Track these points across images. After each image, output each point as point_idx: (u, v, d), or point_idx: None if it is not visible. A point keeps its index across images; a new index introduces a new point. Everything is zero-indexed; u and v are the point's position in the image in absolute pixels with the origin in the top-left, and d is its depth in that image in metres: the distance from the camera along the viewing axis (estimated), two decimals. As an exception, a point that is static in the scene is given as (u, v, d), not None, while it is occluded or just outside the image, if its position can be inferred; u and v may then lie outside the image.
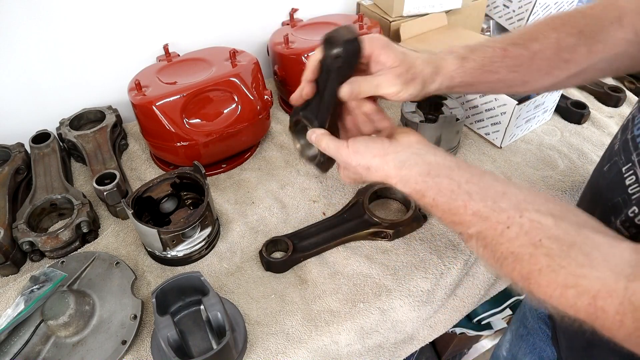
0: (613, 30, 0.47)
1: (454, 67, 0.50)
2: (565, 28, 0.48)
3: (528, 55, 0.49)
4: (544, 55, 0.49)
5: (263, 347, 0.52)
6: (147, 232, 0.56)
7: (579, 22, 0.48)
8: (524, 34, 0.50)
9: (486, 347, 1.62)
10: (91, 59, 0.81)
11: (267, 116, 0.78)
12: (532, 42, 0.49)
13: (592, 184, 0.49)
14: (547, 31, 0.49)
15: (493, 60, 0.49)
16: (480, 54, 0.50)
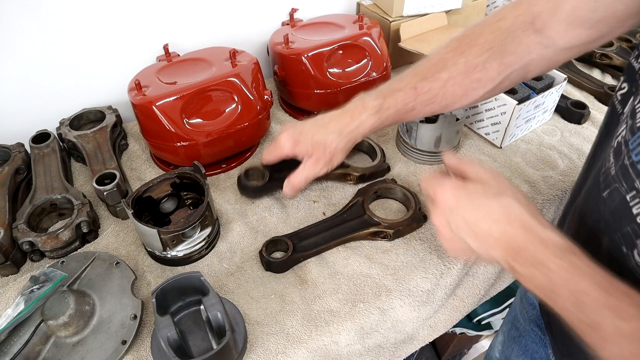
0: (525, 37, 0.47)
1: (370, 123, 0.53)
2: (474, 50, 0.49)
3: (439, 85, 0.50)
4: (455, 82, 0.50)
5: (263, 347, 0.52)
6: (147, 232, 0.56)
7: (487, 40, 0.48)
8: (432, 66, 0.51)
9: (486, 347, 1.62)
10: (91, 59, 0.81)
11: (267, 116, 0.78)
12: (440, 72, 0.50)
13: (590, 208, 0.44)
14: (455, 57, 0.49)
15: (406, 102, 0.51)
16: (392, 100, 0.52)
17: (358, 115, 0.53)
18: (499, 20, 0.49)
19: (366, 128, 0.54)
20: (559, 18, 0.45)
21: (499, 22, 0.49)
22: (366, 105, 0.53)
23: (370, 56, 0.83)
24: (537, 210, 0.41)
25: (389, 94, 0.52)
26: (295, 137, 0.57)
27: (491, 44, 0.48)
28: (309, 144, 0.56)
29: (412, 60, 1.06)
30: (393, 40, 0.96)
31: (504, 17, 0.49)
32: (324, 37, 0.83)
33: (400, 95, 0.51)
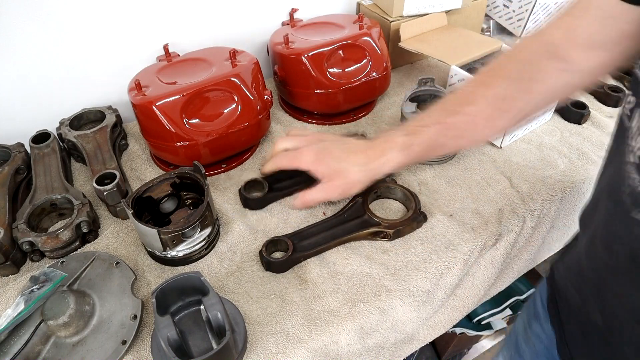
0: (549, 64, 0.48)
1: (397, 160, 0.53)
2: (499, 81, 0.49)
3: (468, 120, 0.50)
4: (483, 115, 0.50)
5: (263, 347, 0.52)
6: (147, 232, 0.56)
7: (512, 70, 0.49)
8: (460, 99, 0.51)
9: (486, 347, 1.62)
10: (91, 59, 0.81)
11: (267, 116, 0.78)
12: (468, 106, 0.50)
13: (618, 234, 0.43)
14: (482, 90, 0.50)
15: (435, 138, 0.51)
16: (421, 137, 0.52)
17: (385, 151, 0.52)
18: (521, 51, 0.50)
19: (392, 165, 0.53)
20: (577, 43, 0.46)
21: (522, 52, 0.50)
22: (394, 141, 0.52)
23: (370, 56, 0.83)
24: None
25: (417, 131, 0.51)
26: (319, 154, 0.56)
27: (517, 74, 0.49)
28: (331, 168, 0.55)
29: (412, 60, 1.06)
30: (393, 40, 0.96)
31: (525, 48, 0.50)
32: (324, 37, 0.83)
33: (429, 132, 0.51)
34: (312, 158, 0.56)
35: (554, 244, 0.87)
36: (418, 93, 0.79)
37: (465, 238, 0.64)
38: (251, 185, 0.70)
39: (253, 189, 0.70)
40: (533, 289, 1.49)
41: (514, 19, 1.11)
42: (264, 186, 0.69)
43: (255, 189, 0.70)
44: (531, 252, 0.80)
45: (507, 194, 0.71)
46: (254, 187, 0.70)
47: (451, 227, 0.66)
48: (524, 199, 0.70)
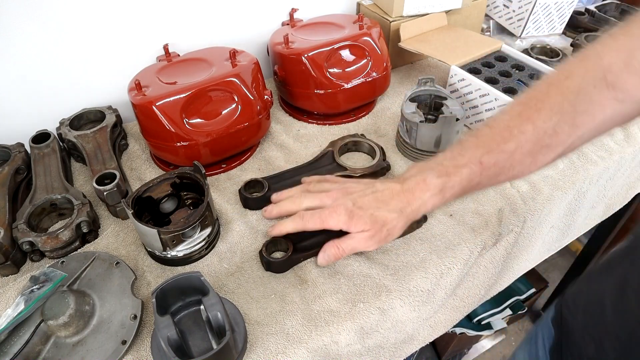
0: (597, 94, 0.43)
1: (432, 203, 0.50)
2: (542, 114, 0.45)
3: (506, 157, 0.47)
4: (523, 151, 0.46)
5: (263, 347, 0.52)
6: (147, 232, 0.56)
7: (555, 101, 0.45)
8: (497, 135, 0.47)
9: (486, 347, 1.63)
10: (91, 59, 0.81)
11: (267, 116, 0.78)
12: (507, 142, 0.46)
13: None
14: (521, 124, 0.46)
15: (472, 179, 0.48)
16: (457, 178, 0.48)
17: (420, 194, 0.49)
18: (566, 78, 0.45)
19: (428, 208, 0.50)
20: (634, 68, 0.42)
21: (567, 80, 0.45)
22: (428, 184, 0.49)
23: (370, 56, 0.83)
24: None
25: (453, 171, 0.48)
26: (352, 212, 0.52)
27: (560, 105, 0.44)
28: (367, 220, 0.51)
29: (412, 60, 1.06)
30: (393, 40, 0.96)
31: (571, 74, 0.45)
32: (324, 37, 0.83)
33: (465, 172, 0.48)
34: (345, 217, 0.51)
35: (553, 244, 0.87)
36: (418, 93, 0.79)
37: (465, 238, 0.64)
38: (251, 185, 0.70)
39: (253, 189, 0.70)
40: (533, 289, 1.49)
41: (514, 19, 1.11)
42: (264, 186, 0.69)
43: (255, 189, 0.70)
44: (531, 252, 0.80)
45: (507, 194, 0.71)
46: (254, 187, 0.70)
47: (451, 227, 0.66)
48: (524, 199, 0.70)
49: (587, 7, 1.17)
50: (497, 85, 0.80)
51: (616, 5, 1.18)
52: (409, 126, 0.74)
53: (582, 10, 1.16)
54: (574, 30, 1.15)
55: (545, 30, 1.13)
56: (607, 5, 1.18)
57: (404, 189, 0.51)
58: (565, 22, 1.13)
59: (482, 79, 0.81)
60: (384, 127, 0.85)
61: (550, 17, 1.10)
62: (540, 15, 1.08)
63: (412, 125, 0.73)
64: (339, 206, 0.52)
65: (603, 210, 0.93)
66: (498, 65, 0.86)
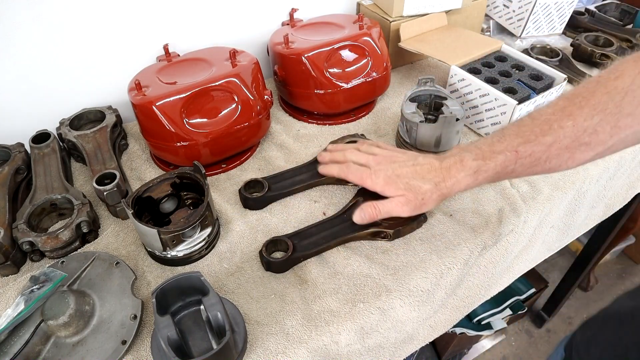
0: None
1: (466, 183, 0.52)
2: (584, 111, 0.44)
3: (543, 149, 0.47)
4: (560, 146, 0.46)
5: (263, 347, 0.52)
6: (147, 232, 0.56)
7: (600, 100, 0.44)
8: (537, 127, 0.47)
9: (486, 347, 1.63)
10: (91, 59, 0.81)
11: (267, 116, 0.78)
12: (545, 135, 0.46)
13: None
14: (562, 119, 0.45)
15: (506, 165, 0.49)
16: (492, 163, 0.49)
17: (455, 173, 0.51)
18: (616, 77, 0.44)
19: (461, 187, 0.52)
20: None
21: (617, 80, 0.44)
22: (465, 164, 0.51)
23: (370, 56, 0.83)
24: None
25: (489, 156, 0.49)
26: (389, 176, 0.55)
27: (605, 105, 0.43)
28: (402, 186, 0.54)
29: (412, 60, 1.06)
30: (393, 40, 0.96)
31: (622, 74, 0.44)
32: (324, 37, 0.83)
33: (500, 158, 0.49)
34: (382, 181, 0.55)
35: (553, 244, 0.87)
36: (418, 93, 0.79)
37: (465, 238, 0.64)
38: (251, 185, 0.70)
39: (253, 189, 0.70)
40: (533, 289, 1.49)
41: (514, 19, 1.11)
42: (264, 186, 0.69)
43: (255, 189, 0.70)
44: (531, 252, 0.80)
45: (507, 194, 0.71)
46: (254, 187, 0.70)
47: (451, 227, 0.66)
48: (524, 199, 0.70)
49: (587, 7, 1.17)
50: (497, 85, 0.80)
51: (616, 5, 1.18)
52: (409, 126, 0.74)
53: (582, 10, 1.16)
54: (574, 30, 1.15)
55: (545, 30, 1.13)
56: (607, 5, 1.18)
57: (442, 166, 0.53)
58: (565, 22, 1.13)
59: (482, 79, 0.81)
60: (384, 127, 0.85)
61: (550, 17, 1.10)
62: (540, 15, 1.08)
63: (412, 125, 0.73)
64: (380, 171, 0.56)
65: (603, 210, 0.93)
66: (498, 65, 0.86)
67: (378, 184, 0.55)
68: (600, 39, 1.05)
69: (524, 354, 1.65)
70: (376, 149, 0.61)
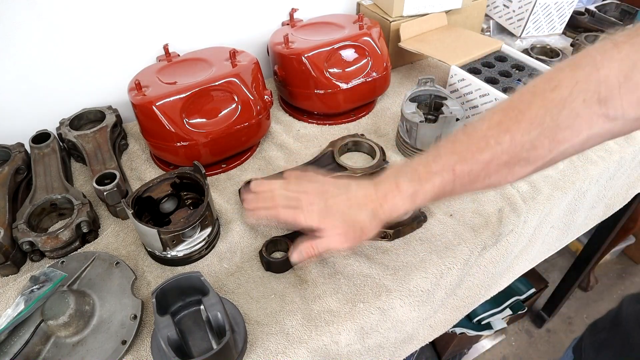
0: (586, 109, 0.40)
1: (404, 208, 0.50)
2: (521, 126, 0.42)
3: (480, 167, 0.45)
4: (499, 162, 0.44)
5: (263, 347, 0.52)
6: (147, 232, 0.56)
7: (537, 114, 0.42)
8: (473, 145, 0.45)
9: (486, 347, 1.63)
10: (91, 59, 0.81)
11: (267, 116, 0.78)
12: (482, 153, 0.44)
13: None
14: (499, 135, 0.43)
15: (444, 186, 0.47)
16: (429, 185, 0.47)
17: (392, 198, 0.49)
18: (553, 88, 0.41)
19: (400, 211, 0.50)
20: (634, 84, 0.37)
21: (554, 91, 0.41)
22: (401, 189, 0.49)
23: (370, 56, 0.83)
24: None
25: (425, 177, 0.48)
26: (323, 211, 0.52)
27: (542, 119, 0.41)
28: (338, 221, 0.51)
29: (412, 60, 1.06)
30: (393, 40, 0.96)
31: (559, 85, 0.41)
32: (324, 37, 0.83)
33: (438, 180, 0.47)
34: (317, 217, 0.52)
35: (553, 244, 0.87)
36: (418, 93, 0.79)
37: (465, 238, 0.64)
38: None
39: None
40: (533, 289, 1.49)
41: (514, 19, 1.11)
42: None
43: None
44: (531, 252, 0.80)
45: (507, 193, 0.71)
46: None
47: (451, 227, 0.66)
48: (524, 199, 0.70)
49: (587, 7, 1.17)
50: (497, 85, 0.80)
51: (616, 5, 1.18)
52: (409, 126, 0.74)
53: (582, 10, 1.16)
54: (574, 30, 1.15)
55: (545, 30, 1.13)
56: (607, 5, 1.18)
57: (377, 192, 0.51)
58: (565, 22, 1.13)
59: (482, 79, 0.81)
60: (384, 127, 0.85)
61: (550, 17, 1.10)
62: (540, 15, 1.08)
63: (412, 125, 0.73)
64: (313, 205, 0.53)
65: (603, 210, 0.93)
66: (498, 65, 0.86)
67: (313, 220, 0.52)
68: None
69: (524, 354, 1.65)
70: (305, 184, 0.57)
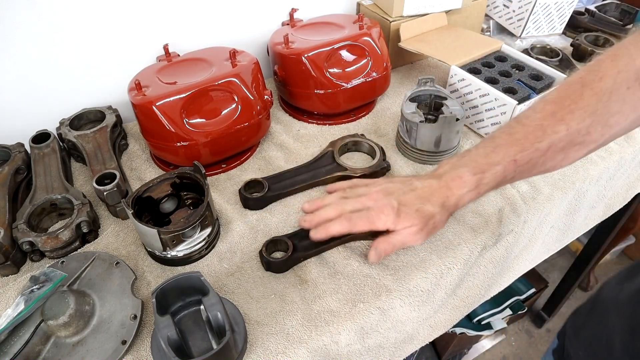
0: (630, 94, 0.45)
1: (469, 198, 0.52)
2: (576, 115, 0.46)
3: (539, 155, 0.48)
4: (556, 149, 0.48)
5: (263, 347, 0.52)
6: (147, 232, 0.56)
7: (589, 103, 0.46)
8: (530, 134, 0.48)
9: (486, 347, 1.63)
10: (91, 59, 0.81)
11: (267, 116, 0.78)
12: (540, 142, 0.48)
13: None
14: (555, 125, 0.47)
15: (505, 175, 0.50)
16: (491, 175, 0.50)
17: (457, 190, 0.52)
18: (600, 79, 0.46)
19: (465, 202, 0.53)
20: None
21: (600, 81, 0.46)
22: (465, 180, 0.51)
23: (370, 56, 0.83)
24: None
25: (487, 169, 0.50)
26: (398, 209, 0.53)
27: (594, 107, 0.46)
28: (414, 215, 0.52)
29: (412, 60, 1.06)
30: (393, 40, 0.96)
31: (604, 76, 0.46)
32: (324, 37, 0.83)
33: (500, 169, 0.50)
34: (393, 216, 0.52)
35: (553, 244, 0.87)
36: (418, 93, 0.79)
37: (465, 238, 0.64)
38: (251, 186, 0.70)
39: (253, 189, 0.70)
40: (533, 289, 1.49)
41: (514, 19, 1.11)
42: (264, 186, 0.69)
43: (255, 189, 0.70)
44: (531, 252, 0.80)
45: (507, 194, 0.71)
46: (254, 187, 0.70)
47: (451, 227, 0.66)
48: (524, 199, 0.70)
49: (587, 7, 1.17)
50: (497, 85, 0.80)
51: (616, 5, 1.18)
52: (409, 126, 0.74)
53: (582, 10, 1.16)
54: (574, 30, 1.15)
55: (545, 30, 1.13)
56: (607, 5, 1.18)
57: (441, 185, 0.53)
58: (565, 22, 1.13)
59: (482, 79, 0.81)
60: (384, 127, 0.85)
61: (550, 17, 1.10)
62: (540, 15, 1.08)
63: (412, 125, 0.73)
64: (385, 206, 0.53)
65: (603, 210, 0.93)
66: (498, 65, 0.86)
67: (389, 220, 0.52)
68: (600, 39, 1.05)
69: (524, 354, 1.65)
70: (362, 189, 0.58)
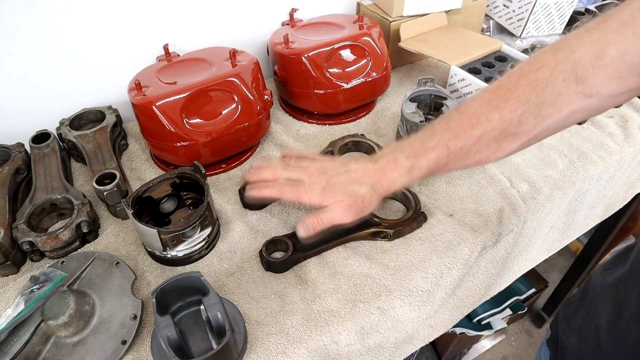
0: (565, 87, 0.44)
1: (401, 182, 0.52)
2: (509, 104, 0.46)
3: (472, 143, 0.48)
4: (489, 138, 0.48)
5: (263, 347, 0.52)
6: (147, 232, 0.56)
7: (523, 92, 0.46)
8: (465, 121, 0.49)
9: (486, 347, 1.63)
10: (91, 59, 0.81)
11: (267, 116, 0.78)
12: (473, 129, 0.48)
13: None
14: (489, 112, 0.47)
15: (439, 160, 0.50)
16: (425, 160, 0.50)
17: (390, 173, 0.52)
18: (537, 69, 0.46)
19: (397, 186, 0.53)
20: (604, 64, 0.41)
21: (538, 71, 0.46)
22: (398, 163, 0.52)
23: (370, 56, 0.83)
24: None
25: (421, 153, 0.51)
26: (325, 187, 0.54)
27: (528, 96, 0.46)
28: (340, 195, 0.53)
29: (412, 60, 1.06)
30: (393, 40, 0.96)
31: (542, 66, 0.46)
32: (324, 37, 0.83)
33: (433, 155, 0.50)
34: (319, 193, 0.53)
35: (553, 244, 0.87)
36: (418, 93, 0.79)
37: (465, 238, 0.64)
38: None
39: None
40: (533, 289, 1.49)
41: (514, 19, 1.11)
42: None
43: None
44: (531, 252, 0.80)
45: (507, 194, 0.71)
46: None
47: (451, 227, 0.66)
48: (524, 199, 0.70)
49: (587, 7, 1.17)
50: (497, 85, 0.80)
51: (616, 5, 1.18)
52: (409, 126, 0.74)
53: (582, 10, 1.15)
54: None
55: (545, 30, 1.13)
56: (607, 5, 1.18)
57: (375, 167, 0.53)
58: (565, 22, 1.13)
59: (482, 79, 0.81)
60: (384, 127, 0.85)
61: (550, 17, 1.10)
62: (540, 15, 1.08)
63: (412, 125, 0.73)
64: (314, 183, 0.54)
65: (603, 210, 0.93)
66: (498, 65, 0.86)
67: (315, 196, 0.53)
68: (600, 39, 1.05)
69: (524, 354, 1.65)
70: (305, 162, 0.59)
